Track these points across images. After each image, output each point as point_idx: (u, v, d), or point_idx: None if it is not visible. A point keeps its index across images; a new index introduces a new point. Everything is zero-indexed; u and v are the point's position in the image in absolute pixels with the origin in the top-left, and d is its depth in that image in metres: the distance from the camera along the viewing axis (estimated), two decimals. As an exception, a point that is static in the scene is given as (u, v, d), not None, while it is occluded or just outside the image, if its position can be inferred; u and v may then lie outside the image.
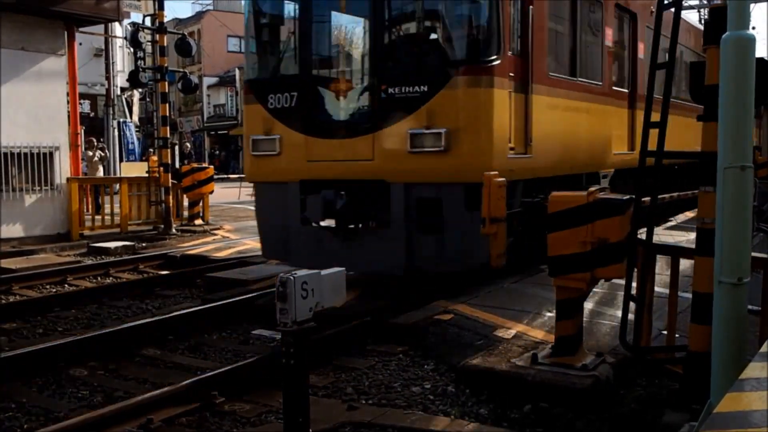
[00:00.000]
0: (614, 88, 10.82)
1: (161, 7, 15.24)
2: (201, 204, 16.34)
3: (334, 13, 8.74)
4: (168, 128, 15.65)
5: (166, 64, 15.31)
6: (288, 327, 3.85)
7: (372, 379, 5.92)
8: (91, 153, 18.67)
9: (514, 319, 6.70)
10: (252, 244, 12.24)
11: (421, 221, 7.73)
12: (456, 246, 7.62)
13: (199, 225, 15.82)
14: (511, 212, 6.72)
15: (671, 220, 12.75)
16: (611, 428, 4.86)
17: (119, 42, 23.83)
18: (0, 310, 8.41)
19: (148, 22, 16.18)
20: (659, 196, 10.07)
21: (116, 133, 23.66)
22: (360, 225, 8.35)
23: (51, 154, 13.72)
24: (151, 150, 17.86)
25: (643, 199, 5.36)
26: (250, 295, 8.57)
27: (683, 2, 5.27)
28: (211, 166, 17.80)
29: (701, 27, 16.18)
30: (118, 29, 22.51)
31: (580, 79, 9.58)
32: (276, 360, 4.61)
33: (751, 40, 3.77)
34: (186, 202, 16.34)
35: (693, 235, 4.92)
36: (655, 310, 5.72)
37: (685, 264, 5.60)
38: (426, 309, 7.16)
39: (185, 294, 9.73)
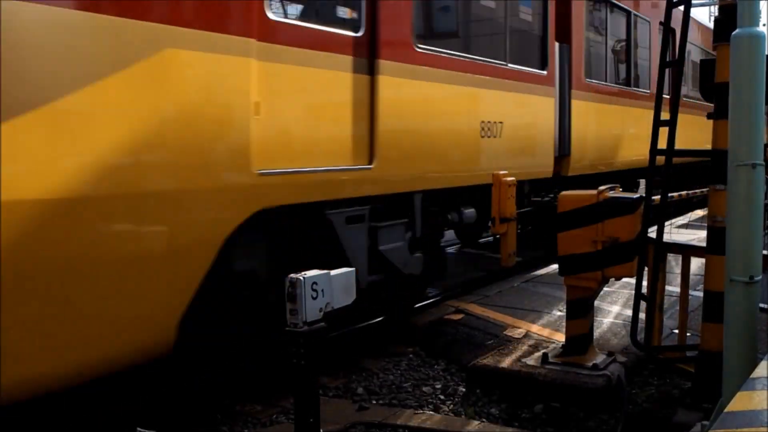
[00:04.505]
0: None
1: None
2: None
3: None
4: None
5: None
6: (298, 328, 3.85)
7: (382, 379, 5.91)
8: None
9: (524, 319, 6.69)
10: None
11: None
12: None
13: None
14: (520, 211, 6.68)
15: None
16: (623, 427, 4.84)
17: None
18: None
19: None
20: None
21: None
22: None
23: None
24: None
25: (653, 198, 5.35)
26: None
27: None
28: None
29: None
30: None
31: None
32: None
33: (762, 37, 3.76)
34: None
35: (704, 234, 4.90)
36: (666, 309, 5.70)
37: (696, 262, 5.58)
38: (437, 309, 7.15)
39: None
